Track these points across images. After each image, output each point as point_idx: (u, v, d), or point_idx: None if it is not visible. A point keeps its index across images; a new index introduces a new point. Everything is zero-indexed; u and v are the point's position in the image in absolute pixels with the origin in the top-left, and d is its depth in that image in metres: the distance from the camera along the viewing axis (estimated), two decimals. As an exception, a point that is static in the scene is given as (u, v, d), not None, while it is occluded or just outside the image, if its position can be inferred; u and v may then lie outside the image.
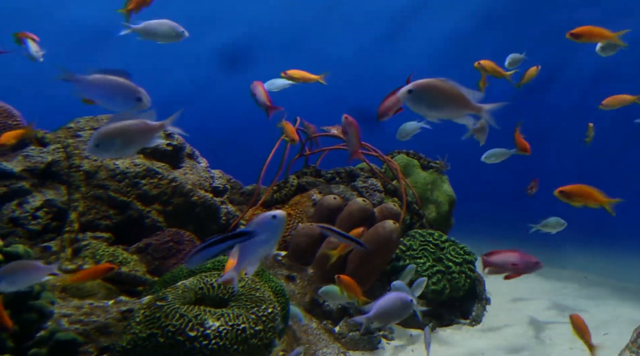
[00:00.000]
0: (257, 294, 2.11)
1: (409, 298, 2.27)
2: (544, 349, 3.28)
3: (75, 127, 3.44)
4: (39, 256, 2.75)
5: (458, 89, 1.84)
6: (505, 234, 6.76)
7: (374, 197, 3.98)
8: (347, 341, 3.07)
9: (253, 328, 1.96)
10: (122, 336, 1.99)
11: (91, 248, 2.90)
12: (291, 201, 3.94)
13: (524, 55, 3.90)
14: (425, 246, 3.64)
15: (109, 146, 1.76)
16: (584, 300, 4.48)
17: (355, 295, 2.51)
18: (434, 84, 1.84)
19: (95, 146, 1.76)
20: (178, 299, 2.04)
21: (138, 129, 1.77)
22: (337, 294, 2.60)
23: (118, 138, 1.74)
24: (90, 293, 2.51)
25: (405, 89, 1.84)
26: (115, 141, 1.74)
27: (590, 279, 5.34)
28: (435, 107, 1.87)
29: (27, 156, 3.11)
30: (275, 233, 1.57)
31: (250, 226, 1.57)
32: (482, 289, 3.95)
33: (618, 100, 3.77)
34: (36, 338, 1.91)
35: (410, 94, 1.83)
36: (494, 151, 3.69)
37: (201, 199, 3.45)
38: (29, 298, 1.94)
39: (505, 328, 3.60)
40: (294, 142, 3.50)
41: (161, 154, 3.56)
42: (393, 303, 2.24)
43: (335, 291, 2.61)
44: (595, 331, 3.61)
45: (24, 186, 3.01)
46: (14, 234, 2.87)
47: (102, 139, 1.75)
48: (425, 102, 1.86)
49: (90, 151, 1.78)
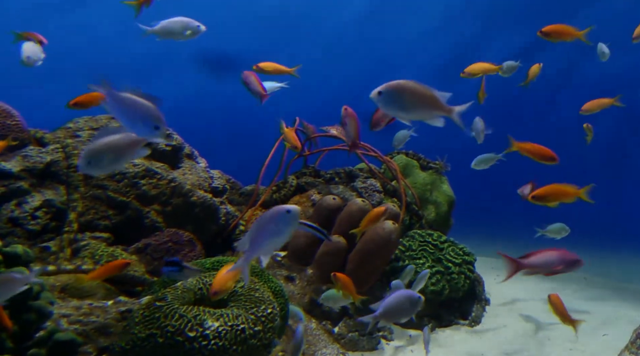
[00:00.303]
0: (257, 294, 2.11)
1: (417, 296, 2.26)
2: (543, 350, 3.28)
3: (74, 128, 3.44)
4: (38, 256, 2.74)
5: (428, 90, 1.87)
6: (505, 234, 6.77)
7: (373, 197, 3.98)
8: (346, 341, 3.07)
9: (252, 329, 1.96)
10: (122, 336, 1.98)
11: (90, 248, 2.89)
12: (290, 201, 3.93)
13: (519, 63, 3.89)
14: (425, 247, 3.64)
15: (100, 163, 1.79)
16: (583, 300, 4.48)
17: (350, 293, 2.51)
18: (403, 85, 1.87)
19: (87, 164, 1.79)
20: (177, 299, 2.04)
21: (126, 143, 1.79)
22: (338, 297, 2.59)
23: (108, 155, 1.77)
24: (90, 293, 2.50)
25: (376, 90, 1.87)
26: (106, 157, 1.77)
27: (590, 280, 5.34)
28: (405, 109, 1.89)
29: (26, 156, 3.11)
30: (288, 227, 1.57)
31: (263, 218, 1.57)
32: (482, 290, 3.95)
33: (597, 104, 3.79)
34: (35, 338, 1.91)
35: (380, 96, 1.86)
36: (482, 157, 3.70)
37: (200, 199, 3.44)
38: (28, 298, 1.93)
39: (505, 328, 3.60)
40: (298, 150, 3.46)
41: (160, 155, 3.56)
42: (400, 301, 2.24)
43: (335, 295, 2.61)
44: (595, 332, 3.62)
45: (22, 186, 3.01)
46: (13, 235, 2.86)
47: (93, 157, 1.78)
48: (396, 103, 1.89)
49: (82, 169, 1.80)
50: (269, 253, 1.64)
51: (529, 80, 4.03)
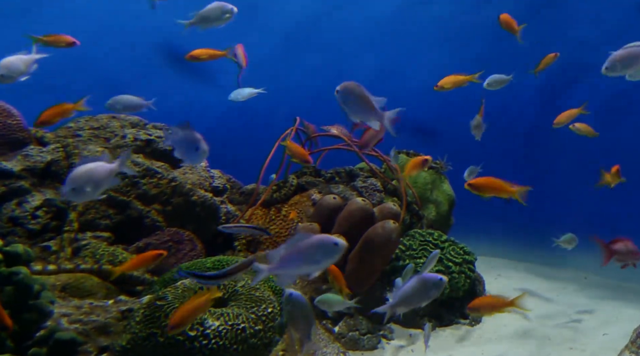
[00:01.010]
0: (257, 294, 2.11)
1: (438, 277, 2.03)
2: (543, 349, 3.28)
3: (74, 127, 3.44)
4: (39, 256, 2.75)
5: (366, 94, 2.04)
6: (506, 234, 6.77)
7: (374, 197, 3.98)
8: (346, 341, 3.07)
9: (253, 328, 1.96)
10: (122, 335, 1.99)
11: (91, 247, 2.90)
12: (291, 200, 3.93)
13: (511, 77, 3.84)
14: (425, 246, 3.64)
15: (82, 191, 1.96)
16: (584, 299, 4.48)
17: (340, 286, 2.50)
18: (352, 87, 2.03)
19: (71, 190, 1.95)
20: (178, 298, 2.04)
21: (104, 172, 2.00)
22: (332, 301, 2.58)
23: (89, 184, 1.96)
24: (90, 292, 2.51)
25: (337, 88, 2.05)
26: (87, 186, 1.96)
27: (591, 280, 5.33)
28: (352, 109, 2.06)
29: (26, 155, 3.11)
30: (328, 259, 1.52)
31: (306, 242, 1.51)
32: (482, 290, 3.95)
33: (567, 115, 3.75)
34: (36, 337, 1.91)
35: (337, 94, 2.04)
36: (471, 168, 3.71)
37: (201, 198, 3.45)
38: (28, 297, 1.94)
39: (505, 328, 3.60)
40: (309, 163, 3.43)
41: (161, 154, 3.56)
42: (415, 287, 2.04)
43: (330, 299, 2.60)
44: (595, 331, 3.62)
45: (23, 185, 3.01)
46: (14, 234, 2.87)
47: (76, 184, 1.95)
48: (346, 103, 2.05)
49: (66, 195, 1.97)
50: (293, 279, 1.57)
51: (540, 69, 3.94)
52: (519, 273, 5.28)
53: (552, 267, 5.69)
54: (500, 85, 3.82)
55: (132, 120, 3.67)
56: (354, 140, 4.01)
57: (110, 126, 3.53)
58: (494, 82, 3.82)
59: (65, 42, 3.21)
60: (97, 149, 3.31)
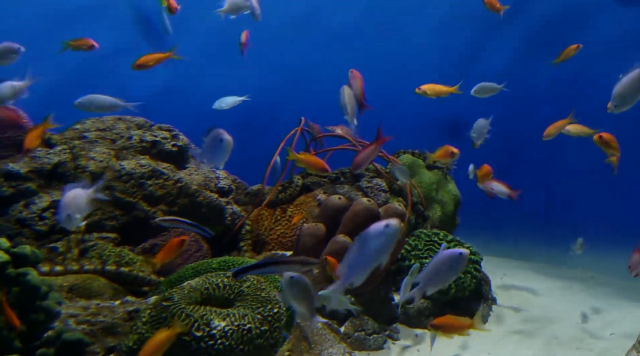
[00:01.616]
0: (263, 294, 2.11)
1: (458, 251, 1.91)
2: (550, 349, 3.27)
3: (81, 129, 3.46)
4: (46, 257, 2.76)
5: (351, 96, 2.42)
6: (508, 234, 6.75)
7: (379, 197, 3.98)
8: (352, 341, 3.07)
9: (259, 328, 1.97)
10: (129, 336, 2.00)
11: (97, 248, 2.91)
12: (296, 201, 3.94)
13: (502, 86, 3.82)
14: (431, 246, 3.63)
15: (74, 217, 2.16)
16: (590, 299, 4.46)
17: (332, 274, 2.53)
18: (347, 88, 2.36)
19: (67, 217, 2.14)
20: (184, 299, 2.05)
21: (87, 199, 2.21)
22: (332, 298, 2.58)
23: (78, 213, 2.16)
24: (97, 293, 2.52)
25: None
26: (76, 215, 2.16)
27: (597, 279, 5.31)
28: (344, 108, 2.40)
29: (33, 157, 3.13)
30: (389, 242, 1.49)
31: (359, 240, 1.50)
32: (488, 289, 3.94)
33: (556, 127, 3.69)
34: (43, 338, 1.92)
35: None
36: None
37: (206, 199, 3.46)
38: (36, 298, 1.95)
39: (511, 328, 3.60)
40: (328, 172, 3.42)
41: (166, 155, 3.57)
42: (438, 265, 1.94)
43: (330, 296, 2.59)
44: (602, 331, 3.61)
45: (30, 187, 3.03)
46: (21, 235, 2.89)
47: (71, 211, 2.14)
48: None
49: (62, 221, 2.16)
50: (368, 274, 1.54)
51: (562, 59, 3.87)
52: (525, 273, 5.27)
53: (558, 266, 5.68)
54: (488, 93, 3.80)
55: (138, 121, 3.69)
56: (359, 140, 4.01)
57: (116, 128, 3.54)
58: (481, 89, 3.80)
59: (87, 46, 3.28)
60: (103, 151, 3.32)
